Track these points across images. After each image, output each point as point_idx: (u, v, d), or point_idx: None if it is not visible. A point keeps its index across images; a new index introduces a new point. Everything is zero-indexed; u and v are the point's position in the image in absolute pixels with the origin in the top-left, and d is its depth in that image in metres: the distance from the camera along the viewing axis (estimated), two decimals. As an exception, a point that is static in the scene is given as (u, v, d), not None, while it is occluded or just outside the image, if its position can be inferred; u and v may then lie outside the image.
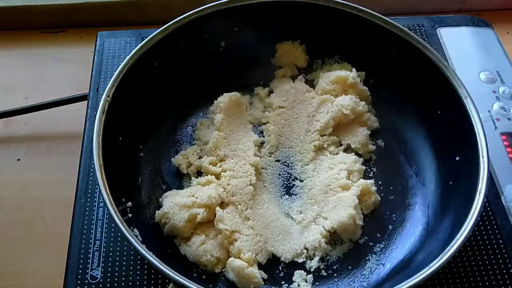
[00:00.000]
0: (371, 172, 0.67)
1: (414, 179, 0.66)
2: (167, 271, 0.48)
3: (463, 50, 0.79)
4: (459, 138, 0.61)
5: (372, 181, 0.64)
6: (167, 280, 0.56)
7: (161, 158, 0.67)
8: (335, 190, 0.63)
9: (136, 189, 0.62)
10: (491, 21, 0.84)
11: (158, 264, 0.48)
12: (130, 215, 0.56)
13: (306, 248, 0.60)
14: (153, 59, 0.65)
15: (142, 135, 0.65)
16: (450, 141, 0.63)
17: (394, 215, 0.63)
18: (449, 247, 0.51)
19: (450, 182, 0.61)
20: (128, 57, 0.62)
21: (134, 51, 0.63)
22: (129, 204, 0.56)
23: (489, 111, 0.72)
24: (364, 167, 0.66)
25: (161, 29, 0.65)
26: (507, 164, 0.67)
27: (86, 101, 0.70)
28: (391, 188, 0.65)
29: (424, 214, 0.62)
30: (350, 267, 0.59)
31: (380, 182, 0.65)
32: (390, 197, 0.64)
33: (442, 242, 0.53)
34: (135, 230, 0.53)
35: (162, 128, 0.68)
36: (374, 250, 0.60)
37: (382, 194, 0.64)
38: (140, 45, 0.63)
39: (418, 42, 0.65)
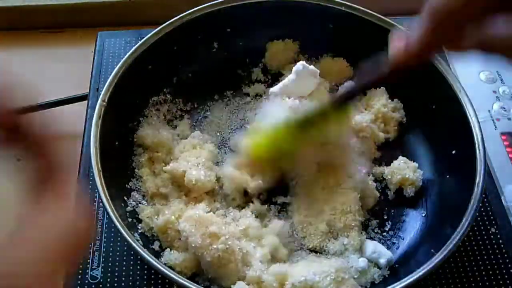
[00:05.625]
0: (370, 168, 0.67)
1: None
2: (172, 275, 0.48)
3: (463, 50, 0.79)
4: (454, 131, 0.61)
5: (371, 177, 0.64)
6: (167, 280, 0.56)
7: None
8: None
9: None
10: (491, 21, 0.84)
11: (164, 270, 0.49)
12: (130, 219, 0.56)
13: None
14: (147, 62, 0.65)
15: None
16: (446, 134, 0.63)
17: (393, 211, 0.63)
18: (449, 241, 0.51)
19: (448, 176, 0.62)
20: (122, 61, 0.62)
21: (127, 55, 0.63)
22: (128, 208, 0.57)
23: (489, 111, 0.72)
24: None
25: (154, 32, 0.65)
26: (507, 164, 0.67)
27: (86, 101, 0.70)
28: (389, 183, 0.65)
29: (422, 209, 0.62)
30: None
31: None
32: (388, 192, 0.64)
33: (442, 236, 0.53)
34: (136, 234, 0.54)
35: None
36: (374, 248, 0.60)
37: (380, 190, 0.64)
38: (133, 48, 0.64)
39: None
